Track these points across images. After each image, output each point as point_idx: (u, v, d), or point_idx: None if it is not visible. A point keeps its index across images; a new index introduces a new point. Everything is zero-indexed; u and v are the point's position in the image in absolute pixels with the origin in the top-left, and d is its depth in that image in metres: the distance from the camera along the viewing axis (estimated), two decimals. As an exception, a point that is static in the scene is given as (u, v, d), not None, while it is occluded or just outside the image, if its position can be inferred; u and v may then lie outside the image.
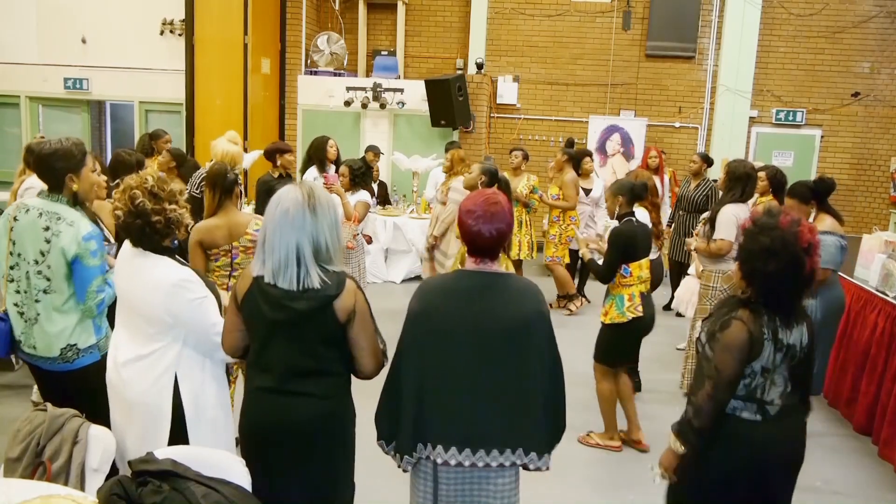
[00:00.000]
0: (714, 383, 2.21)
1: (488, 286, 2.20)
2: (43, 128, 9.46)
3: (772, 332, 2.21)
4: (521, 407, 2.16)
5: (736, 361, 2.20)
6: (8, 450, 2.30)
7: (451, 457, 2.13)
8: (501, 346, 2.15)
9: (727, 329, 2.22)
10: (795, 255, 2.15)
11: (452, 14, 10.05)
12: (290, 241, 2.11)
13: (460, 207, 2.22)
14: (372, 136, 9.34)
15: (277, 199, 2.16)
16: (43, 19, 9.25)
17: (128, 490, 1.85)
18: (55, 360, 2.85)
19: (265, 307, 2.17)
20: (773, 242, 2.16)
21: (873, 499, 3.80)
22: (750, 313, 2.22)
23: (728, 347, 2.21)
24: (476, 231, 2.15)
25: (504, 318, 2.15)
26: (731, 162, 4.98)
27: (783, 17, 9.37)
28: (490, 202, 2.17)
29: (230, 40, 8.58)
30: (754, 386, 2.25)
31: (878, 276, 4.64)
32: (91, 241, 2.79)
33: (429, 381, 2.16)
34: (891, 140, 9.37)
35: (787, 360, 2.24)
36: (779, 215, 2.20)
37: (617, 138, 9.64)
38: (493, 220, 2.15)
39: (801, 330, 2.27)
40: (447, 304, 2.19)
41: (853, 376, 4.62)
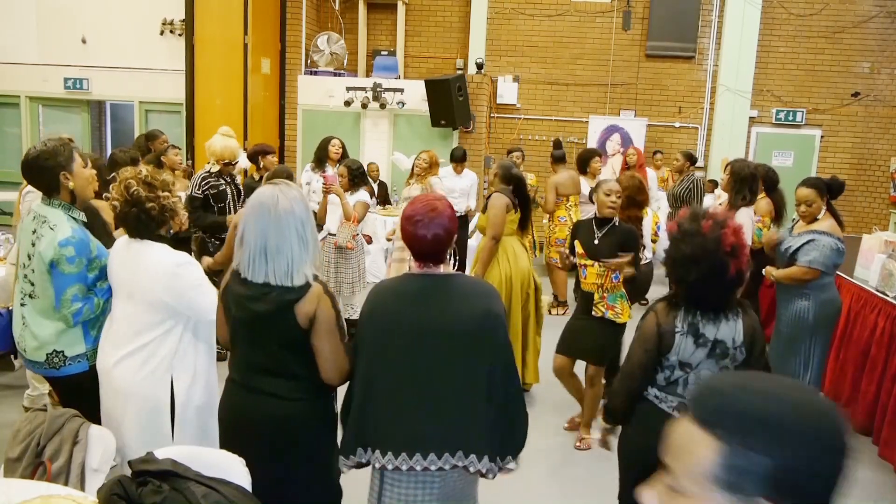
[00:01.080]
0: (625, 368, 2.35)
1: (434, 288, 2.17)
2: (43, 128, 9.47)
3: (689, 326, 2.23)
4: (462, 409, 2.09)
5: (642, 351, 2.28)
6: (8, 450, 2.30)
7: (389, 461, 2.07)
8: (445, 348, 2.09)
9: (643, 319, 2.34)
10: (718, 260, 2.14)
11: (452, 14, 10.05)
12: (258, 236, 2.17)
13: (402, 213, 2.22)
14: (372, 136, 9.34)
15: (256, 197, 2.22)
16: (43, 19, 9.25)
17: (128, 490, 1.85)
18: (42, 365, 2.83)
19: (231, 305, 2.25)
20: (693, 250, 2.16)
21: (873, 499, 3.79)
22: (665, 306, 2.29)
23: (638, 337, 2.32)
24: (415, 235, 2.14)
25: (449, 320, 2.10)
26: (734, 163, 4.92)
27: (783, 17, 9.37)
28: (429, 207, 2.15)
29: (230, 40, 8.58)
30: (675, 379, 2.30)
31: (878, 276, 4.63)
32: (68, 247, 2.68)
33: (373, 383, 2.13)
34: (891, 140, 9.37)
35: (716, 357, 2.24)
36: (701, 220, 2.19)
37: (617, 138, 9.63)
38: (432, 224, 2.12)
39: (733, 326, 2.24)
40: (392, 307, 2.16)
41: (853, 376, 4.61)
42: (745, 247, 2.20)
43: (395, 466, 2.08)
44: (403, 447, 2.07)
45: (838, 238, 4.07)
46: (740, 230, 2.20)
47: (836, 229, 4.11)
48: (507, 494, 3.24)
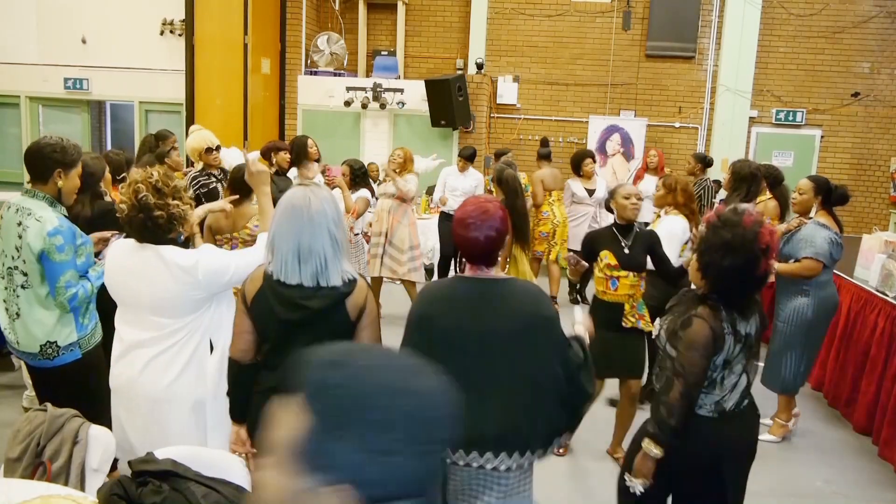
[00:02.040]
0: (684, 382, 2.25)
1: (486, 293, 2.19)
2: (43, 128, 9.46)
3: (731, 325, 2.27)
4: (524, 411, 2.13)
5: (703, 359, 2.25)
6: (8, 450, 2.30)
7: (459, 458, 2.13)
8: (502, 351, 2.12)
9: (689, 327, 2.26)
10: (753, 253, 2.19)
11: (452, 14, 10.05)
12: (291, 238, 2.14)
13: (455, 216, 2.21)
14: (372, 137, 9.34)
15: (287, 199, 2.19)
16: (43, 19, 9.25)
17: (128, 490, 1.85)
18: (36, 357, 2.88)
19: (278, 307, 2.19)
20: (733, 238, 2.20)
21: (873, 499, 3.80)
22: (709, 310, 2.27)
23: (693, 345, 2.24)
24: (469, 238, 2.15)
25: (503, 324, 2.13)
26: (736, 162, 4.94)
27: (783, 17, 9.37)
28: (481, 209, 2.16)
29: (230, 40, 8.58)
30: (715, 378, 2.31)
31: (878, 276, 4.63)
32: (57, 236, 2.77)
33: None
34: (891, 140, 9.37)
35: (746, 350, 2.32)
36: (743, 214, 2.24)
37: (617, 138, 9.63)
38: (484, 226, 2.14)
39: (755, 319, 2.35)
40: (447, 311, 2.17)
41: (853, 376, 4.61)
42: (776, 251, 2.29)
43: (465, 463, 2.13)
44: (471, 447, 2.11)
45: (835, 232, 4.11)
46: (776, 234, 2.29)
47: (831, 224, 4.15)
48: None
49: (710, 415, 2.32)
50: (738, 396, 2.36)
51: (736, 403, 2.36)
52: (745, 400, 2.41)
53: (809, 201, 4.23)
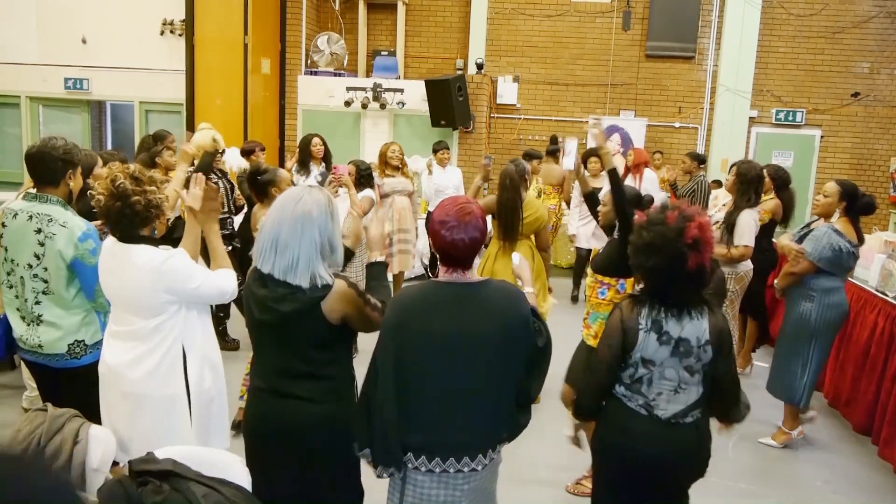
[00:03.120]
0: (590, 366, 2.40)
1: (462, 297, 2.11)
2: (43, 128, 9.46)
3: (652, 323, 2.24)
4: (497, 413, 2.13)
5: (606, 346, 2.31)
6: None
7: (422, 464, 2.09)
8: (478, 356, 2.08)
9: (609, 316, 2.37)
10: (676, 250, 2.16)
11: (452, 14, 10.05)
12: (273, 227, 2.18)
13: (434, 217, 2.14)
14: (372, 137, 9.33)
15: (284, 194, 2.27)
16: (43, 19, 9.25)
17: (128, 490, 1.84)
18: (63, 357, 2.86)
19: (254, 308, 2.23)
20: (654, 238, 2.20)
21: (873, 499, 3.80)
22: (630, 302, 2.31)
23: (603, 335, 2.35)
24: (453, 240, 2.06)
25: (479, 329, 2.07)
26: (741, 164, 4.82)
27: (783, 17, 9.37)
28: (463, 210, 2.08)
29: (230, 40, 8.57)
30: (638, 376, 2.29)
31: (877, 276, 4.64)
32: (88, 240, 2.79)
33: (407, 394, 2.08)
34: (891, 140, 9.37)
35: (680, 356, 2.24)
36: (668, 211, 2.23)
37: (617, 138, 9.63)
38: (469, 227, 2.06)
39: (698, 325, 2.24)
40: (422, 318, 2.09)
41: (853, 376, 4.61)
42: (711, 244, 2.21)
43: (427, 469, 2.09)
44: (438, 453, 2.08)
45: (849, 241, 3.97)
46: (708, 226, 2.20)
47: (850, 232, 4.02)
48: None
49: (639, 410, 2.31)
50: (678, 407, 2.28)
51: (675, 415, 2.28)
52: (690, 417, 2.30)
53: (833, 205, 4.10)
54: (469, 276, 2.15)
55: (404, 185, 6.35)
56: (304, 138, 6.23)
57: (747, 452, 4.15)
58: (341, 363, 2.29)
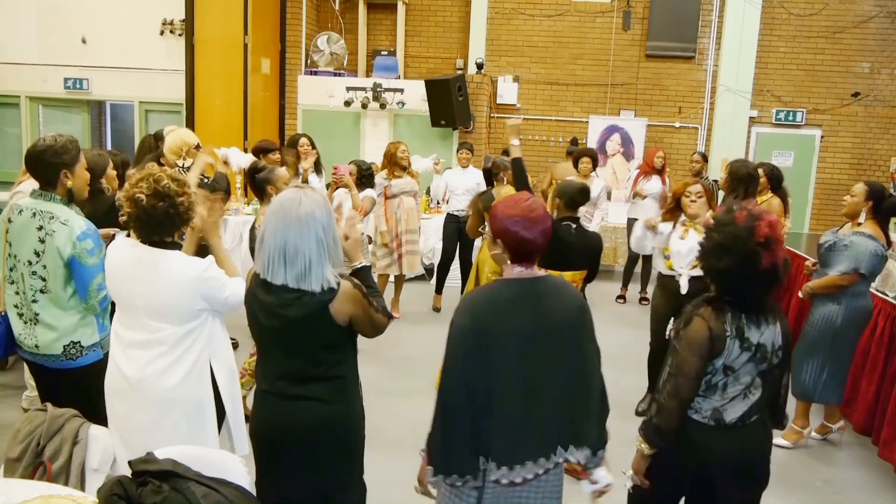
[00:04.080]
0: (675, 381, 2.22)
1: (534, 293, 2.11)
2: (43, 128, 9.47)
3: (736, 330, 2.19)
4: (580, 406, 2.11)
5: (697, 358, 2.19)
6: (8, 450, 2.30)
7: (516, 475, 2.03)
8: (556, 349, 2.08)
9: (689, 326, 2.23)
10: (749, 250, 2.12)
11: (452, 14, 10.05)
12: (278, 237, 2.13)
13: (501, 215, 2.12)
14: (372, 136, 9.34)
15: (279, 199, 2.19)
16: (43, 19, 9.25)
17: (128, 490, 1.84)
18: (58, 358, 2.85)
19: (260, 314, 2.20)
20: (725, 238, 2.17)
21: (873, 499, 3.80)
22: (712, 310, 2.22)
23: (689, 345, 2.21)
24: (527, 238, 2.07)
25: (553, 322, 2.09)
26: (733, 162, 4.91)
27: (783, 17, 9.37)
28: (531, 208, 2.10)
29: (230, 40, 8.57)
30: (714, 383, 2.23)
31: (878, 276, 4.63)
32: (87, 240, 2.78)
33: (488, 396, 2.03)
34: (891, 140, 9.37)
35: (756, 361, 2.22)
36: (736, 211, 2.19)
37: (617, 138, 9.64)
38: (537, 224, 2.08)
39: (773, 330, 2.23)
40: (498, 318, 2.06)
41: (853, 376, 4.61)
42: (782, 242, 2.18)
43: (511, 481, 2.03)
44: (526, 458, 2.04)
45: (882, 244, 3.99)
46: (777, 224, 2.17)
47: (879, 235, 4.03)
48: None
49: (705, 421, 2.26)
50: (744, 409, 2.26)
51: (741, 417, 2.26)
52: (755, 416, 2.29)
53: (859, 205, 4.08)
54: (536, 271, 2.15)
55: (411, 186, 6.37)
56: (292, 138, 6.19)
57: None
58: (349, 362, 2.29)
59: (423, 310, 6.90)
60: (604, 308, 7.41)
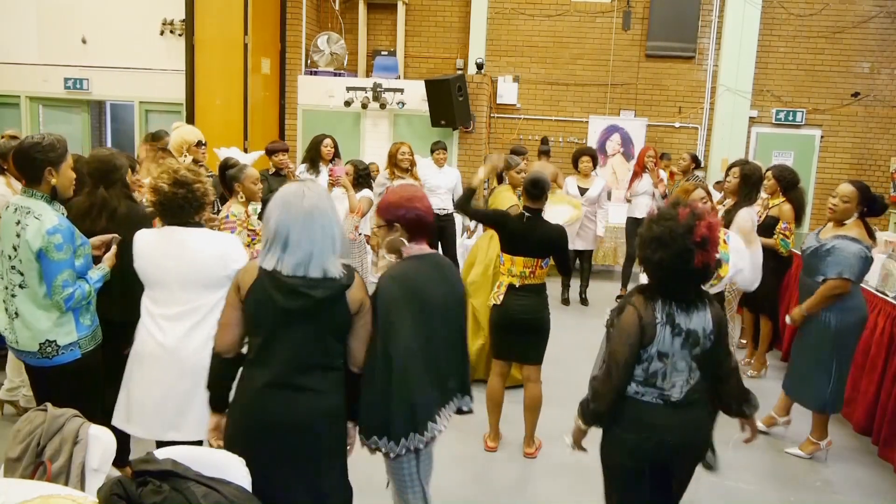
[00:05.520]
0: (608, 367, 2.34)
1: (436, 264, 2.54)
2: (43, 128, 9.46)
3: (667, 317, 2.29)
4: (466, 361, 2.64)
5: (627, 346, 2.30)
6: (8, 450, 2.30)
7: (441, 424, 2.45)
8: (458, 312, 2.57)
9: (622, 315, 2.34)
10: (684, 247, 2.21)
11: (452, 14, 10.05)
12: (312, 235, 2.19)
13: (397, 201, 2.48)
14: (372, 136, 9.34)
15: (283, 195, 2.23)
16: (43, 19, 9.25)
17: (128, 490, 1.85)
18: (35, 355, 2.89)
19: (278, 295, 2.19)
20: (662, 232, 2.25)
21: (873, 499, 3.80)
22: (643, 299, 2.33)
23: (620, 333, 2.32)
24: (422, 215, 2.47)
25: (456, 288, 2.57)
26: (746, 166, 4.80)
27: (783, 17, 9.37)
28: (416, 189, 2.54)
29: (230, 40, 8.57)
30: (653, 371, 2.33)
31: (878, 276, 4.63)
32: (56, 234, 2.78)
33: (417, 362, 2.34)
34: (891, 140, 9.37)
35: (689, 346, 2.32)
36: (678, 207, 2.28)
37: (617, 138, 9.64)
38: (424, 201, 2.50)
39: (703, 316, 2.33)
40: (425, 286, 2.43)
41: (853, 376, 4.60)
42: (717, 245, 2.27)
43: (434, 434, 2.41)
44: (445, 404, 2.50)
45: (866, 246, 3.89)
46: (716, 227, 2.27)
47: (863, 236, 3.93)
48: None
49: (654, 401, 2.36)
50: (686, 389, 2.37)
51: (685, 396, 2.37)
52: (697, 395, 2.41)
53: (852, 210, 3.97)
54: (428, 247, 2.52)
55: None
56: (316, 138, 6.15)
57: (747, 452, 4.15)
58: (343, 356, 2.34)
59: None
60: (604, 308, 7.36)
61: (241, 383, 2.31)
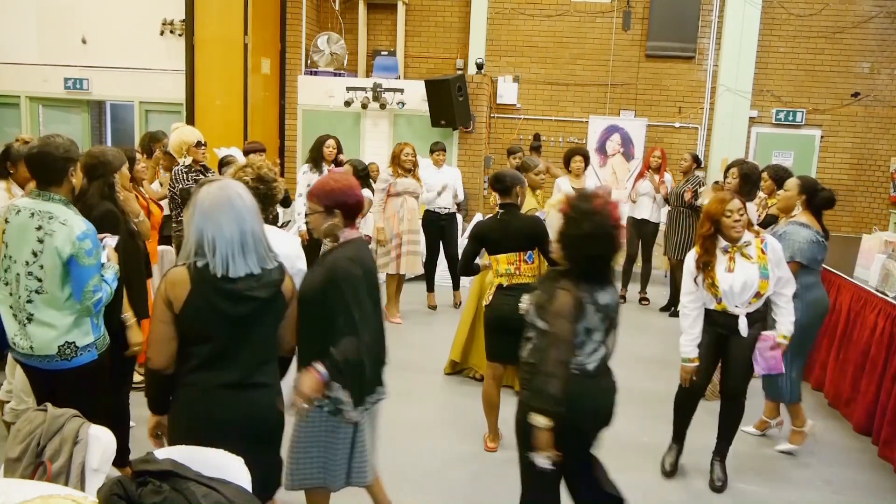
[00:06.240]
0: (558, 349, 2.44)
1: (367, 247, 2.74)
2: (43, 128, 9.47)
3: (591, 296, 2.50)
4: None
5: (570, 324, 2.47)
6: (8, 450, 2.30)
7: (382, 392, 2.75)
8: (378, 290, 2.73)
9: (556, 300, 2.48)
10: (610, 234, 2.46)
11: (452, 14, 10.05)
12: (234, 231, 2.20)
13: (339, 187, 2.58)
14: (372, 137, 9.34)
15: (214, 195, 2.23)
16: (43, 19, 9.25)
17: (128, 490, 1.85)
18: (53, 358, 2.85)
19: (224, 304, 2.20)
20: (594, 227, 2.43)
21: (873, 499, 3.80)
22: (570, 282, 2.50)
23: (562, 314, 2.46)
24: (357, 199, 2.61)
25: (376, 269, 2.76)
26: (745, 165, 4.95)
27: (783, 17, 9.37)
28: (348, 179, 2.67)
29: (230, 40, 8.57)
30: (579, 344, 2.52)
31: (878, 276, 4.64)
32: (86, 240, 2.80)
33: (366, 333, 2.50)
34: (891, 140, 9.37)
35: (604, 320, 2.55)
36: (593, 199, 2.48)
37: (617, 138, 9.64)
38: (358, 189, 2.65)
39: (612, 292, 2.60)
40: (369, 267, 2.63)
41: (853, 376, 4.61)
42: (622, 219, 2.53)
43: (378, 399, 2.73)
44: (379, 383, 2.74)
45: (817, 231, 4.04)
46: (618, 205, 2.53)
47: (814, 224, 4.09)
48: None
49: (574, 373, 2.50)
50: (599, 359, 2.58)
51: (598, 366, 2.58)
52: (605, 365, 2.64)
53: (792, 199, 4.19)
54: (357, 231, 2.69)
55: (415, 187, 6.41)
56: (319, 139, 6.20)
57: (747, 452, 4.15)
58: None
59: (421, 309, 6.92)
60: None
61: (188, 389, 2.28)
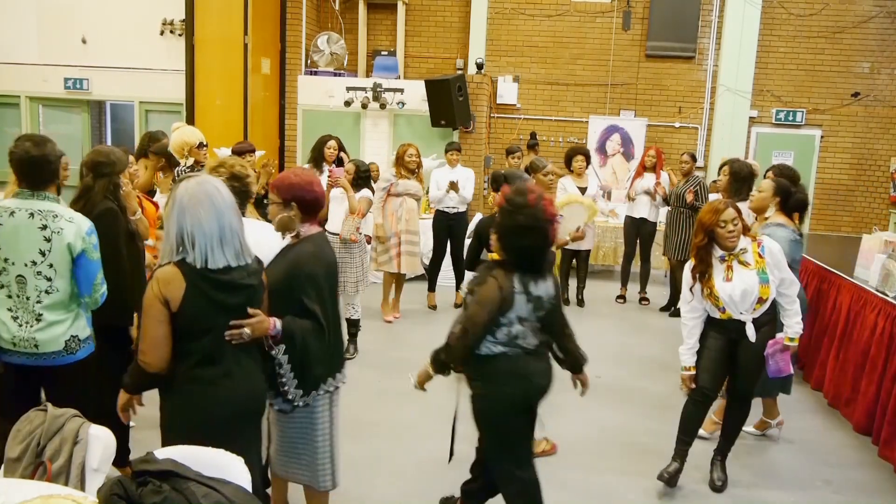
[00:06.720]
0: (465, 329, 2.62)
1: (328, 243, 2.78)
2: (43, 128, 9.46)
3: (522, 286, 2.63)
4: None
5: (486, 312, 2.60)
6: (8, 450, 2.30)
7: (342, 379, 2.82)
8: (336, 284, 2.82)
9: (483, 285, 2.63)
10: (544, 228, 2.58)
11: (452, 14, 10.05)
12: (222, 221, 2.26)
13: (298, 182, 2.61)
14: (372, 136, 9.34)
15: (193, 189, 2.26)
16: (43, 19, 9.25)
17: (128, 490, 1.85)
18: (60, 354, 2.88)
19: (222, 296, 2.27)
20: (527, 220, 2.55)
21: (873, 499, 3.80)
22: (503, 272, 2.64)
23: (481, 301, 2.61)
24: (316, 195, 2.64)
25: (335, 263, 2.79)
26: (734, 163, 4.94)
27: (783, 17, 9.37)
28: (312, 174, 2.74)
29: (230, 40, 8.57)
30: (514, 333, 2.66)
31: (877, 276, 4.64)
32: (93, 235, 2.90)
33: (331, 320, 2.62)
34: (891, 140, 9.37)
35: (536, 310, 2.68)
36: (527, 194, 2.59)
37: (617, 138, 9.64)
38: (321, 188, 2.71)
39: (547, 284, 2.72)
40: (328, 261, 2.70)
41: (853, 376, 4.61)
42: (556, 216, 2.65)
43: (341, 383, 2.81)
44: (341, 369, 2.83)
45: (793, 229, 4.08)
46: (553, 201, 2.67)
47: (789, 223, 4.12)
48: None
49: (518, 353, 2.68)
50: (536, 341, 2.73)
51: (536, 346, 2.73)
52: (543, 348, 2.79)
53: (766, 200, 4.21)
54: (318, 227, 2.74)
55: (416, 189, 6.43)
56: (321, 139, 6.17)
57: (747, 452, 4.16)
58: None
59: (421, 308, 6.92)
60: (604, 308, 7.41)
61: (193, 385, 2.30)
